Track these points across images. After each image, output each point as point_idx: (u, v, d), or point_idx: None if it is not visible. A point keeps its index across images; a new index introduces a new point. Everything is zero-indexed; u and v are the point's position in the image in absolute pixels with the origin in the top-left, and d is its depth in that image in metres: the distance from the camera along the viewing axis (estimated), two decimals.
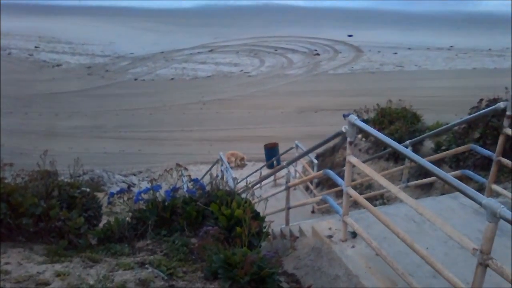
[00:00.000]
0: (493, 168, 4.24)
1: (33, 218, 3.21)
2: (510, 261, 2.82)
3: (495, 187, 4.33)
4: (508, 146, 5.75)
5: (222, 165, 9.38)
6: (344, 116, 3.30)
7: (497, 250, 2.28)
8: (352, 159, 3.40)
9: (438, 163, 7.26)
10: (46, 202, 3.36)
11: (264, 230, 3.40)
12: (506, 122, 4.00)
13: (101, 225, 3.96)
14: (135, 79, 33.99)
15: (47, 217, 3.28)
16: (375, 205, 5.36)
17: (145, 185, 13.28)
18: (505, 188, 4.99)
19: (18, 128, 21.98)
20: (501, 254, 2.97)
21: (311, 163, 10.09)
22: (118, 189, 4.08)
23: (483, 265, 2.15)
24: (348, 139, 3.37)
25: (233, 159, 18.07)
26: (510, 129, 3.99)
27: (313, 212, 8.70)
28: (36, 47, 43.95)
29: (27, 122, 23.86)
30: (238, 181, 9.19)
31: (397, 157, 8.91)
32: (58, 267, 2.70)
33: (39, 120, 24.51)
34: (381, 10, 65.55)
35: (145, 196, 3.80)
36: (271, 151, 17.10)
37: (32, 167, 3.94)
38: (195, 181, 4.04)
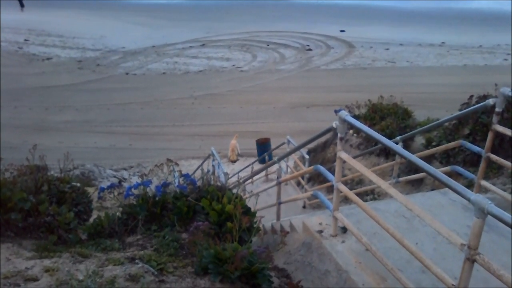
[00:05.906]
0: (482, 164, 4.28)
1: (22, 213, 3.19)
2: (497, 257, 2.86)
3: (484, 183, 4.36)
4: (497, 142, 5.83)
5: (213, 160, 9.37)
6: (335, 112, 3.30)
7: (485, 246, 2.31)
8: (343, 155, 3.41)
9: (428, 159, 7.33)
10: (35, 197, 3.33)
11: (255, 225, 3.41)
12: (495, 118, 4.03)
13: (91, 220, 3.94)
14: (127, 73, 33.71)
15: (36, 212, 3.26)
16: (365, 201, 5.40)
17: (136, 180, 13.23)
18: (494, 184, 5.04)
19: (7, 122, 21.70)
20: (489, 250, 3.01)
21: (302, 158, 10.12)
22: (108, 184, 4.05)
23: (471, 260, 2.17)
24: (339, 135, 3.38)
25: (230, 152, 18.22)
26: (499, 126, 4.02)
27: (304, 207, 8.73)
28: (25, 40, 43.36)
29: (16, 116, 23.56)
30: (230, 176, 9.20)
31: (388, 153, 8.96)
32: (47, 262, 2.68)
33: (28, 114, 24.23)
34: (374, 6, 65.60)
35: (135, 191, 3.79)
36: (263, 147, 17.12)
37: (21, 161, 3.90)
38: (186, 176, 4.02)
